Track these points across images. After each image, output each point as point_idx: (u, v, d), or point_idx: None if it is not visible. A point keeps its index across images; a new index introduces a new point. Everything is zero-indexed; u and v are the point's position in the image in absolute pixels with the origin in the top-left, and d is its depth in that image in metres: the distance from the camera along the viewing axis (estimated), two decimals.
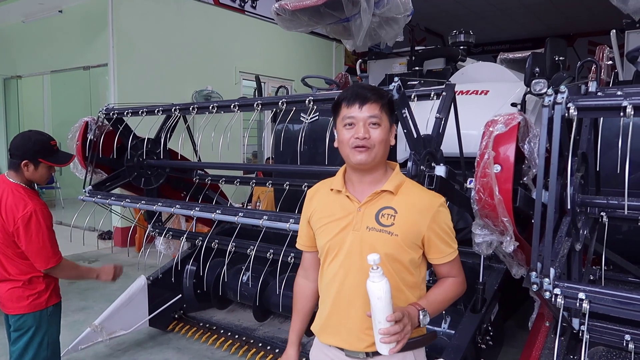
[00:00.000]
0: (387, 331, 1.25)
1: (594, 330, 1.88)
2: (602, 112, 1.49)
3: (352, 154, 1.40)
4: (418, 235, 1.42)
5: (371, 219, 1.42)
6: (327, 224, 1.48)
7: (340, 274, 1.45)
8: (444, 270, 1.49)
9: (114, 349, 3.40)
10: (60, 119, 8.41)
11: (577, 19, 10.11)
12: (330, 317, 1.48)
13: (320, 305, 1.54)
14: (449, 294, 1.48)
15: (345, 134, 1.42)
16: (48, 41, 7.44)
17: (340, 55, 10.00)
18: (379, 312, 1.26)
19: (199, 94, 7.01)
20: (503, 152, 1.61)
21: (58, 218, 8.01)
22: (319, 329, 1.53)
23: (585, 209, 1.88)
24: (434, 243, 1.44)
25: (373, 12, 3.88)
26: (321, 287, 1.54)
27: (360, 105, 1.40)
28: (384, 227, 1.40)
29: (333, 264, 1.47)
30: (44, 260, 2.26)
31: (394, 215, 1.41)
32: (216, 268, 3.56)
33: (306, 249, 1.62)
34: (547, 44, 3.17)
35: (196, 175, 3.77)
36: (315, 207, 1.54)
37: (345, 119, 1.42)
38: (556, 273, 1.45)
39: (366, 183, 1.46)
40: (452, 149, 2.50)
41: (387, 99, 1.44)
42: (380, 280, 1.25)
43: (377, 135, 1.40)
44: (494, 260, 2.91)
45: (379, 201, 1.44)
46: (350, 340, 1.44)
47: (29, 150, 2.28)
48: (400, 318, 1.27)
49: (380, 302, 1.25)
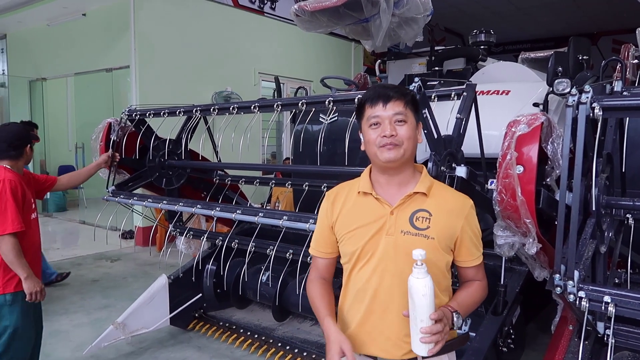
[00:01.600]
0: (430, 330, 1.23)
1: (620, 335, 1.84)
2: (629, 112, 1.46)
3: (381, 153, 1.37)
4: (452, 237, 1.40)
5: (405, 223, 1.39)
6: (357, 229, 1.43)
7: (374, 280, 1.40)
8: (471, 274, 1.47)
9: (136, 346, 3.46)
10: (83, 120, 8.59)
11: (600, 17, 9.92)
12: (364, 324, 1.43)
13: (348, 312, 1.48)
14: (476, 298, 1.46)
15: (371, 134, 1.39)
16: (72, 44, 7.60)
17: (359, 56, 9.98)
18: (422, 310, 1.23)
19: (219, 95, 7.08)
20: (526, 153, 1.59)
21: (81, 218, 8.22)
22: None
23: (611, 211, 1.85)
24: (466, 245, 1.42)
25: (392, 13, 3.87)
26: (347, 294, 1.48)
27: (384, 103, 1.38)
28: (420, 231, 1.37)
29: (364, 269, 1.42)
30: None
31: (428, 218, 1.38)
32: (236, 268, 3.59)
33: (324, 256, 1.54)
34: (570, 43, 3.12)
35: (216, 175, 3.81)
36: (340, 212, 1.48)
37: (370, 119, 1.40)
38: (580, 276, 1.43)
39: (395, 184, 1.43)
40: (473, 150, 2.48)
41: (410, 96, 1.42)
42: (425, 277, 1.23)
43: (405, 131, 1.38)
44: (515, 262, 2.87)
45: (412, 204, 1.41)
46: (387, 348, 1.40)
47: (26, 136, 2.62)
48: (442, 317, 1.26)
49: (424, 300, 1.22)
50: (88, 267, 5.53)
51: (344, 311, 1.50)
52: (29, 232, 2.52)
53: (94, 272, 5.33)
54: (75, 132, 8.80)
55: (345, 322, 1.49)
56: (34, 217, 2.59)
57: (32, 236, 2.56)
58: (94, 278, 5.10)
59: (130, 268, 5.51)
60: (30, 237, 2.54)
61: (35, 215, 2.61)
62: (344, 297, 1.50)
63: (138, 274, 5.23)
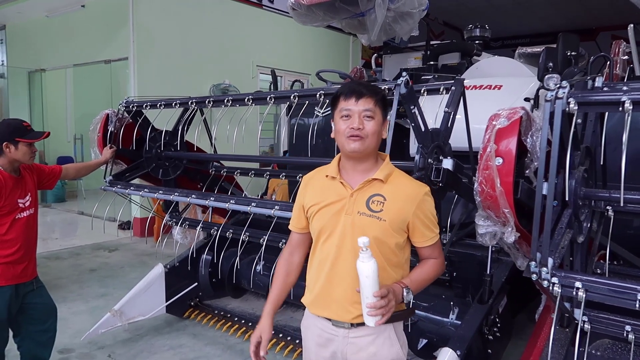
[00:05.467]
0: (374, 305, 1.39)
1: (596, 321, 1.90)
2: (602, 106, 1.52)
3: (347, 143, 1.54)
4: (404, 221, 1.55)
5: (362, 205, 1.55)
6: (322, 208, 1.60)
7: (333, 254, 1.57)
8: (426, 253, 1.62)
9: (133, 333, 3.53)
10: (82, 111, 8.63)
11: (599, 13, 9.93)
12: (322, 291, 1.61)
13: (312, 280, 1.66)
14: (430, 274, 1.62)
15: (341, 125, 1.55)
16: (71, 35, 7.63)
17: (357, 50, 10.01)
18: (367, 288, 1.40)
19: (217, 87, 7.12)
20: (505, 146, 1.66)
21: (80, 208, 8.27)
22: (310, 301, 1.67)
23: (590, 202, 1.91)
24: (418, 228, 1.57)
25: (388, 7, 3.91)
26: (313, 264, 1.66)
27: (357, 99, 1.53)
28: (374, 213, 1.53)
29: (327, 244, 1.59)
30: None
31: (383, 202, 1.54)
32: (231, 258, 3.66)
33: (298, 231, 1.74)
34: (559, 39, 3.17)
35: (212, 167, 3.87)
36: (310, 192, 1.66)
37: (342, 111, 1.55)
38: (555, 263, 1.49)
39: (359, 171, 1.59)
40: (464, 143, 2.54)
41: (381, 95, 1.57)
42: (369, 261, 1.39)
43: (371, 127, 1.53)
44: (502, 254, 2.94)
45: (370, 188, 1.57)
46: (339, 311, 1.58)
47: (4, 133, 2.50)
48: (385, 294, 1.42)
49: (368, 280, 1.39)
50: (86, 256, 5.60)
51: (309, 277, 1.69)
52: (11, 231, 2.52)
53: (92, 261, 5.41)
54: (74, 123, 8.84)
55: (308, 286, 1.69)
56: (21, 217, 2.57)
57: (18, 235, 2.55)
58: (92, 267, 5.17)
59: (127, 258, 5.58)
60: (14, 236, 2.53)
61: (24, 215, 2.58)
62: (310, 266, 1.69)
63: (135, 264, 5.31)
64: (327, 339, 1.63)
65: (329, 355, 1.63)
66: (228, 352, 3.31)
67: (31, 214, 2.65)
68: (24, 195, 2.61)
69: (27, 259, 2.62)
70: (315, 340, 1.66)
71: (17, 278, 2.56)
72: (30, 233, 2.65)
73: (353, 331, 1.58)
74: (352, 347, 1.59)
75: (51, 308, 2.80)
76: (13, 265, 2.53)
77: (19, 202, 2.57)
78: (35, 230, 2.71)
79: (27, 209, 2.62)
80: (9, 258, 2.52)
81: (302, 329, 1.76)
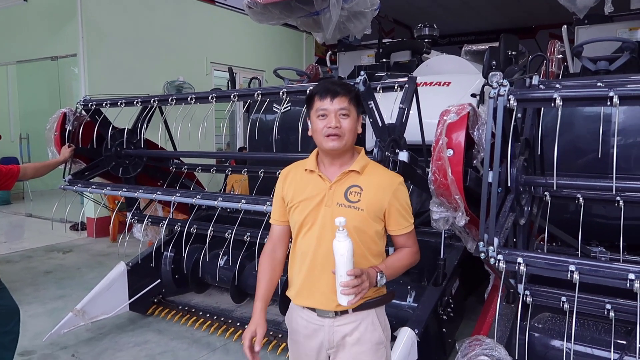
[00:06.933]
0: (347, 284, 1.45)
1: (537, 295, 2.13)
2: (537, 102, 1.72)
3: (326, 142, 1.60)
4: (381, 209, 1.63)
5: (340, 196, 1.62)
6: (303, 201, 1.66)
7: (313, 245, 1.64)
8: (401, 241, 1.70)
9: (96, 332, 3.52)
10: (27, 110, 8.30)
11: (538, 12, 10.51)
12: (305, 281, 1.67)
13: (294, 273, 1.72)
14: (405, 261, 1.70)
15: (319, 124, 1.61)
16: (13, 31, 7.32)
17: (311, 46, 10.14)
18: (341, 267, 1.46)
19: (171, 84, 7.06)
20: (455, 139, 1.83)
21: (27, 210, 7.95)
22: (294, 293, 1.72)
23: (529, 188, 2.13)
24: (394, 216, 1.65)
25: (342, 6, 4.05)
26: (295, 257, 1.72)
27: (332, 98, 1.59)
28: (352, 203, 1.61)
29: (307, 236, 1.66)
30: None
31: (360, 192, 1.61)
32: (194, 253, 3.70)
33: (279, 224, 1.79)
34: (501, 40, 3.43)
35: (172, 164, 3.89)
36: (290, 186, 1.72)
37: (318, 111, 1.61)
38: (500, 242, 1.68)
39: (336, 165, 1.67)
40: (416, 137, 2.72)
41: (354, 92, 1.66)
42: (345, 240, 1.45)
43: (347, 124, 1.60)
44: (454, 239, 3.17)
45: (347, 180, 1.64)
46: (322, 301, 1.64)
47: None
48: (359, 274, 1.47)
49: (342, 259, 1.45)
50: (39, 259, 5.45)
51: (292, 271, 1.74)
52: None
53: (46, 263, 5.27)
54: (18, 121, 8.48)
55: (292, 279, 1.75)
56: None
57: None
58: (47, 270, 5.05)
59: (83, 259, 5.47)
60: None
61: None
62: (292, 259, 1.74)
63: (92, 264, 5.22)
64: (313, 330, 1.68)
65: (315, 345, 1.68)
66: (194, 345, 3.36)
67: None
68: None
69: None
70: (302, 332, 1.71)
71: None
72: None
73: (338, 319, 1.64)
74: (338, 334, 1.65)
75: (13, 310, 2.77)
76: None
77: None
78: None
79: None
80: None
81: (287, 321, 1.80)
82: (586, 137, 2.71)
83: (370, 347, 1.66)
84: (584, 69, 3.43)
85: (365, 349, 1.65)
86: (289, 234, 1.80)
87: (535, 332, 2.42)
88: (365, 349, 1.66)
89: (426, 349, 2.55)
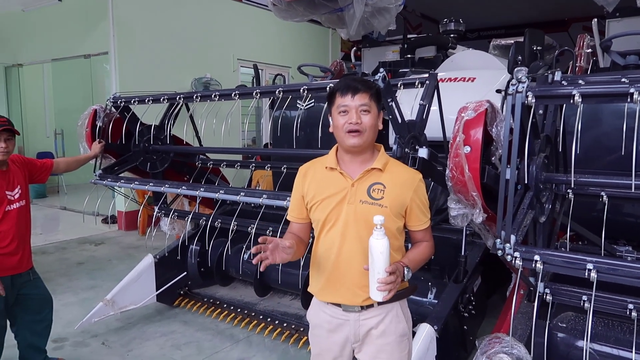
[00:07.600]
0: (385, 280, 1.47)
1: (558, 294, 2.11)
2: (555, 99, 1.70)
3: (347, 138, 1.62)
4: (403, 206, 1.66)
5: (364, 194, 1.64)
6: (325, 199, 1.68)
7: (338, 241, 1.66)
8: (419, 236, 1.74)
9: (125, 322, 3.65)
10: (61, 107, 8.58)
11: (570, 4, 10.22)
12: (330, 277, 1.69)
13: (318, 269, 1.74)
14: (425, 255, 1.74)
15: (340, 120, 1.63)
16: (48, 30, 7.58)
17: (337, 42, 10.13)
18: (380, 264, 1.48)
19: (198, 81, 7.18)
20: (472, 135, 1.83)
21: (62, 204, 8.25)
22: (318, 289, 1.75)
23: (551, 186, 2.10)
24: (415, 212, 1.69)
25: (365, 2, 4.05)
26: (317, 254, 1.73)
27: (353, 95, 1.61)
28: (375, 200, 1.63)
29: (330, 233, 1.68)
30: None
31: (383, 189, 1.64)
32: (219, 247, 3.79)
33: (297, 221, 1.79)
34: (525, 35, 3.37)
35: (198, 160, 3.99)
36: (311, 184, 1.73)
37: (339, 107, 1.63)
38: (517, 240, 1.68)
39: (357, 162, 1.68)
40: (440, 134, 2.71)
41: (375, 89, 1.67)
42: (383, 238, 1.47)
43: (368, 120, 1.62)
44: (476, 237, 3.14)
45: (369, 178, 1.66)
46: (348, 296, 1.67)
47: None
48: (395, 270, 1.51)
49: (381, 256, 1.47)
50: (72, 250, 5.66)
51: (315, 268, 1.76)
52: (4, 223, 2.61)
53: (79, 255, 5.47)
54: (54, 118, 8.79)
55: (315, 277, 1.76)
56: (12, 209, 2.66)
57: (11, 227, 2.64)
58: (79, 261, 5.24)
59: (114, 251, 5.66)
60: (7, 228, 2.63)
61: (14, 207, 2.68)
62: (314, 257, 1.76)
63: (122, 257, 5.39)
64: (337, 325, 1.71)
65: (340, 339, 1.71)
66: (218, 337, 3.45)
67: (22, 205, 2.74)
68: (12, 187, 2.70)
69: (21, 250, 2.71)
70: (326, 327, 1.73)
71: (13, 269, 2.67)
72: (23, 224, 2.74)
73: (363, 313, 1.67)
74: (363, 328, 1.68)
75: (47, 298, 2.90)
76: (8, 256, 2.63)
77: (8, 194, 2.67)
78: (28, 222, 2.80)
79: (17, 201, 2.71)
80: (4, 250, 2.62)
81: (309, 317, 1.82)
82: (613, 134, 2.65)
83: (394, 338, 1.70)
84: (614, 63, 3.34)
85: (390, 340, 1.69)
86: (308, 231, 1.81)
87: (557, 331, 2.40)
88: (390, 341, 1.69)
89: (445, 346, 2.55)
